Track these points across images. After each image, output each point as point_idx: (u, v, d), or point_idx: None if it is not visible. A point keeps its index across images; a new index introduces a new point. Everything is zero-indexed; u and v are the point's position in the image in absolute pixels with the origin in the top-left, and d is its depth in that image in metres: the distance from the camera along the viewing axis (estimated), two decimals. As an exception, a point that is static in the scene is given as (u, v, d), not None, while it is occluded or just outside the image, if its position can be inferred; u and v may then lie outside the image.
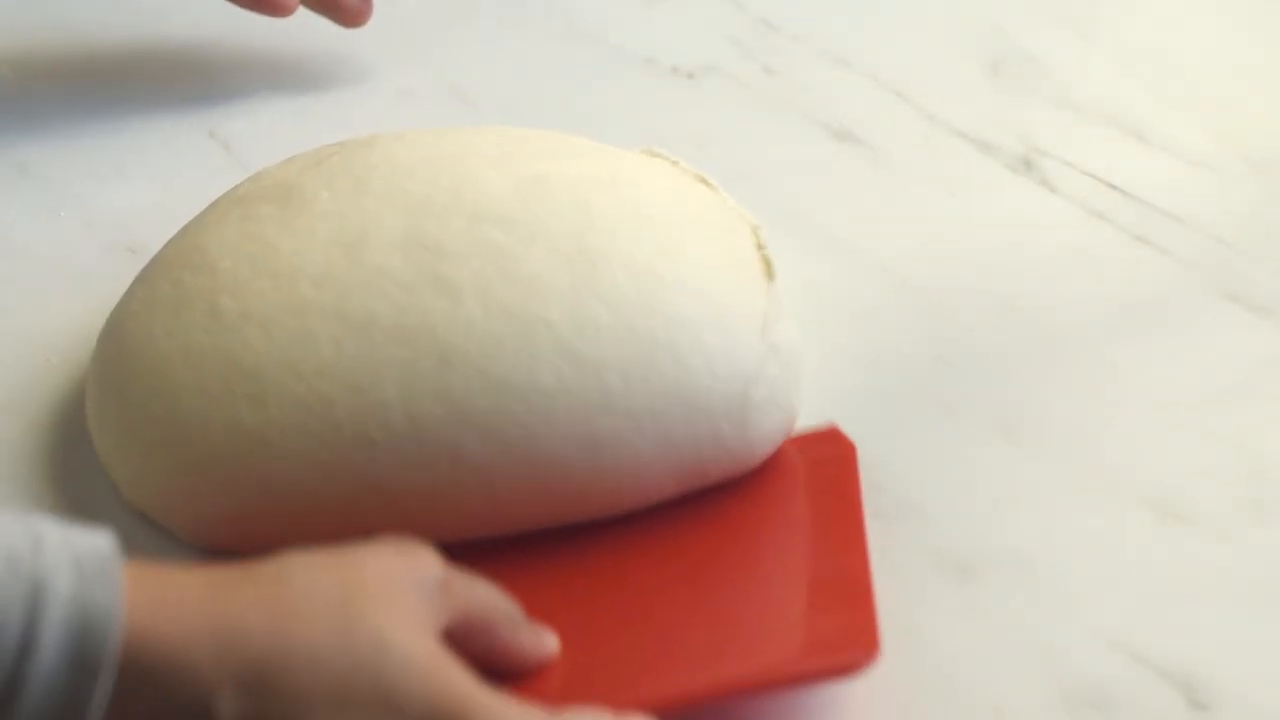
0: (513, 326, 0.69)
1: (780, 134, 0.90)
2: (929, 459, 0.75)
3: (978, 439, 0.76)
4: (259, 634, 0.57)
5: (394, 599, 0.59)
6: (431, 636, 0.60)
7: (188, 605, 0.58)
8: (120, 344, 0.73)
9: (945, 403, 0.77)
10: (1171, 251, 0.84)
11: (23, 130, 0.90)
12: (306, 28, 0.94)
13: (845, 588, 0.67)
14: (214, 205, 0.76)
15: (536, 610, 0.65)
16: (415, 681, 0.58)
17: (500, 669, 0.63)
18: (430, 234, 0.71)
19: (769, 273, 0.73)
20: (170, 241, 0.76)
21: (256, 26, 0.94)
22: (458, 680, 0.59)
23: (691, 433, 0.70)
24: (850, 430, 0.74)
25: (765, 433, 0.72)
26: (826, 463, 0.73)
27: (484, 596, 0.63)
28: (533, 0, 0.99)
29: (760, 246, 0.74)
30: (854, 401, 0.76)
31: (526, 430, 0.68)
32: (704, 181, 0.76)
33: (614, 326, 0.70)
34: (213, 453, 0.69)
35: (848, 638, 0.65)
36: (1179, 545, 0.72)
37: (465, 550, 0.66)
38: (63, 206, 0.86)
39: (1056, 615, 0.69)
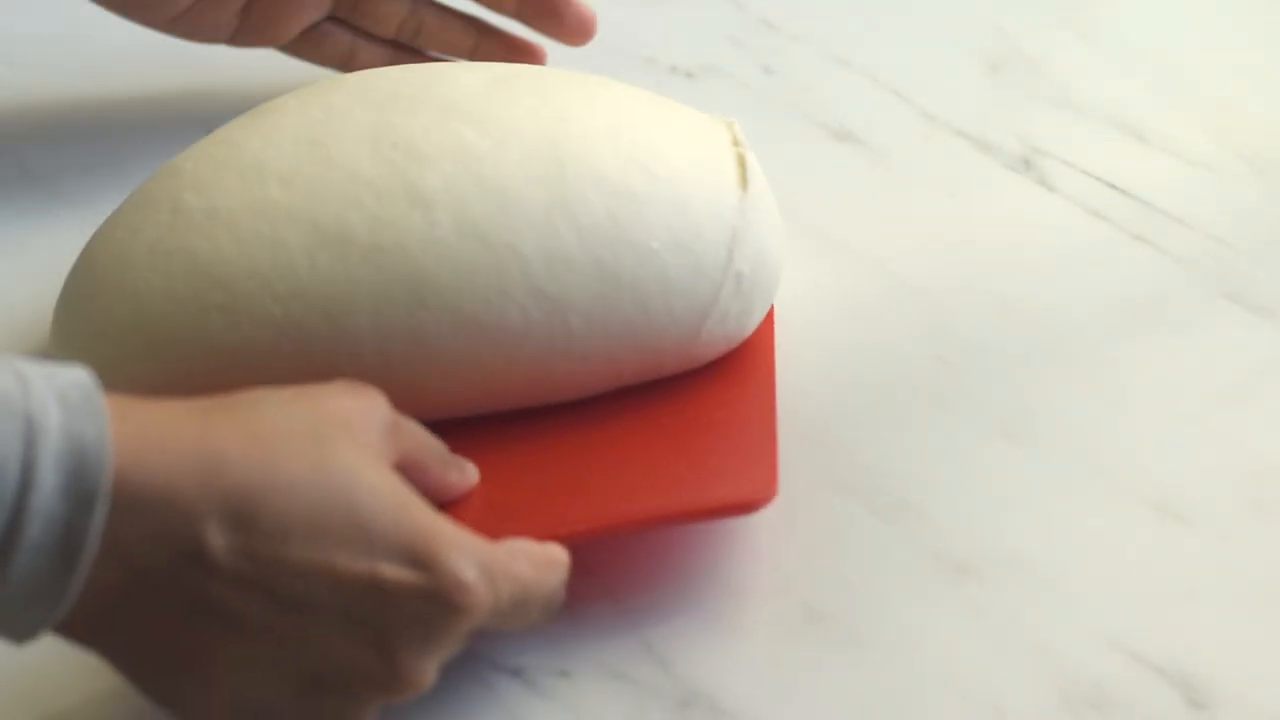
0: (485, 255, 0.69)
1: (780, 134, 0.90)
2: (929, 459, 0.75)
3: (978, 439, 0.75)
4: (239, 462, 0.58)
5: (356, 435, 0.61)
6: (390, 471, 0.61)
7: (171, 435, 0.58)
8: (80, 268, 0.73)
9: (945, 403, 0.77)
10: (1171, 251, 0.84)
11: (23, 130, 0.90)
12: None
13: (752, 433, 0.70)
14: None
15: (459, 450, 0.68)
16: (385, 513, 0.60)
17: (430, 502, 0.64)
18: (399, 129, 0.71)
19: (743, 179, 0.73)
20: None
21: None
22: (421, 511, 0.61)
23: (638, 369, 0.72)
24: (850, 430, 0.74)
25: (707, 358, 0.73)
26: None
27: (420, 436, 0.66)
28: (532, 0, 0.99)
29: (736, 143, 0.74)
30: (853, 401, 0.76)
31: (488, 371, 0.70)
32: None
33: (583, 262, 0.70)
34: (180, 365, 0.69)
35: (749, 480, 0.68)
36: (1179, 545, 0.72)
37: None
38: (62, 206, 0.86)
39: (1056, 615, 0.69)
